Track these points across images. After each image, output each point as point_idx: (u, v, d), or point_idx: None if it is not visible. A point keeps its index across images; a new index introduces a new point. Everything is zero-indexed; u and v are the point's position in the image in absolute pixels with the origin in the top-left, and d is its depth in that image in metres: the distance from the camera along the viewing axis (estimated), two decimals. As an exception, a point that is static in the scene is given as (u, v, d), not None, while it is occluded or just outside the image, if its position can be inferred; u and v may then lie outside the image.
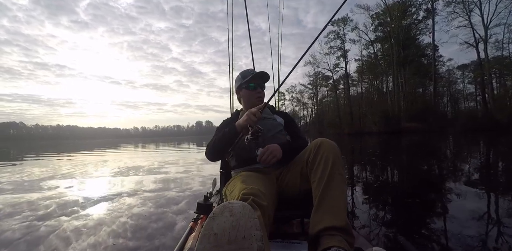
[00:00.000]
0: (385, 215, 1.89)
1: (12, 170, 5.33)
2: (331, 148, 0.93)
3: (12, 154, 11.88)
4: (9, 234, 1.66)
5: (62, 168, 5.44)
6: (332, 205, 0.81)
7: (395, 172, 3.97)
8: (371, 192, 2.59)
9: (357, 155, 6.79)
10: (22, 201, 2.57)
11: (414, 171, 3.87)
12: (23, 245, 1.47)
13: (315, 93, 51.34)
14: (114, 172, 4.45)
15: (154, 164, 5.69)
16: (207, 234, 0.56)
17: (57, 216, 2.01)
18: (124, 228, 1.69)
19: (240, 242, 0.55)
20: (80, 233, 1.62)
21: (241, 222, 0.57)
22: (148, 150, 11.41)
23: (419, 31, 29.34)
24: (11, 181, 3.86)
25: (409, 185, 2.92)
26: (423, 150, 7.33)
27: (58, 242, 1.49)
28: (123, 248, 1.39)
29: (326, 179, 0.86)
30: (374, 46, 33.93)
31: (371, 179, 3.35)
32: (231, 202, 0.63)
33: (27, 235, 1.62)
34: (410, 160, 5.41)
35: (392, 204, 2.19)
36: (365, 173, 3.84)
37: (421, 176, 3.42)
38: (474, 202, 2.09)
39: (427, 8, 26.66)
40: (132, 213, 2.04)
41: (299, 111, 64.02)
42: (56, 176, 4.18)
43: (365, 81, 38.72)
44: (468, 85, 38.36)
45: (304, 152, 1.02)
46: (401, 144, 10.39)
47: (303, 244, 0.90)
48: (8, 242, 1.52)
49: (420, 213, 1.90)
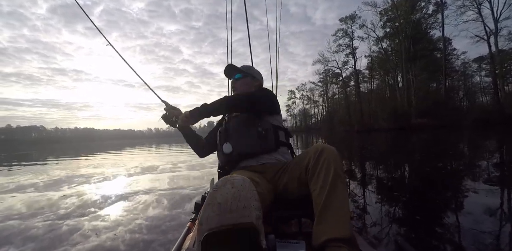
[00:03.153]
0: (384, 215, 1.87)
1: (63, 166, 6.03)
2: (332, 155, 0.91)
3: (42, 156, 12.79)
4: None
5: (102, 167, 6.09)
6: (336, 215, 0.79)
7: (394, 170, 4.01)
8: (371, 192, 2.61)
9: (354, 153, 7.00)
10: (65, 194, 3.10)
11: (416, 170, 3.85)
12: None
13: (326, 91, 51.16)
14: (131, 172, 4.97)
15: (168, 164, 6.23)
16: (210, 203, 0.60)
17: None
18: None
19: (241, 211, 0.58)
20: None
21: (242, 193, 0.62)
22: (162, 151, 12.04)
23: (429, 26, 28.78)
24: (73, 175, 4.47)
25: (411, 184, 2.94)
26: (426, 148, 7.32)
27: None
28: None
29: (328, 188, 0.84)
30: (384, 42, 33.50)
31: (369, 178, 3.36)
32: (232, 176, 0.69)
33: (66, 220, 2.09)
34: (410, 159, 5.62)
35: (393, 204, 2.19)
36: (364, 170, 4.06)
37: (423, 175, 3.35)
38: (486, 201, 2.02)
39: (436, 1, 26.19)
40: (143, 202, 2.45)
41: (310, 109, 63.88)
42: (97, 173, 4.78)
43: (375, 78, 38.27)
44: (485, 79, 37.22)
45: (303, 158, 0.99)
46: (406, 141, 10.45)
47: (301, 244, 0.90)
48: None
49: (424, 213, 1.89)
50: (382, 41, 33.24)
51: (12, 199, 2.91)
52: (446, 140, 8.91)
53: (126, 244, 1.49)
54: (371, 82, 38.82)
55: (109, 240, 1.57)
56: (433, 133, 13.09)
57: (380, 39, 33.09)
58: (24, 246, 1.55)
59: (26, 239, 1.65)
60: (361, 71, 38.98)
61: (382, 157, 5.62)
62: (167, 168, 4.99)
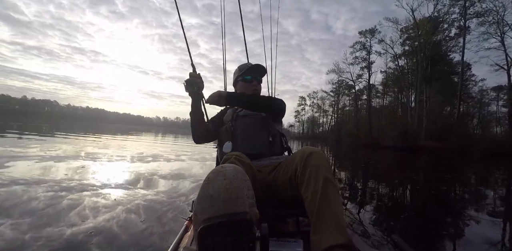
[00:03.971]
0: (382, 215, 1.93)
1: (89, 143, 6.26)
2: (320, 160, 0.89)
3: (61, 130, 13.17)
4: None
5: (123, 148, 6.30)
6: (331, 222, 0.77)
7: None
8: (367, 197, 2.71)
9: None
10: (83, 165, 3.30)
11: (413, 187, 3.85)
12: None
13: (337, 101, 50.82)
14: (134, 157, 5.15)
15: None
16: (203, 196, 0.61)
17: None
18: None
19: (234, 201, 0.59)
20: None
21: (234, 184, 0.62)
22: (167, 141, 12.23)
23: (449, 49, 28.37)
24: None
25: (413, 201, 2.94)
26: (429, 170, 7.36)
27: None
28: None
29: (320, 194, 0.81)
30: (401, 60, 33.19)
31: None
32: (223, 166, 0.69)
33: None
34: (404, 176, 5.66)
35: (389, 205, 2.31)
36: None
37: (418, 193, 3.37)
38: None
39: (459, 25, 25.72)
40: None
41: (319, 118, 63.52)
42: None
43: (388, 94, 37.84)
44: (502, 109, 36.28)
45: (291, 162, 0.97)
46: (411, 161, 10.44)
47: (298, 243, 0.90)
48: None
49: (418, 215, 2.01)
50: (399, 58, 32.94)
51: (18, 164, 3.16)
52: (452, 165, 8.81)
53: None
54: (383, 98, 38.37)
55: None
56: (440, 157, 12.92)
57: (398, 57, 32.78)
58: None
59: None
60: (375, 86, 38.68)
61: (381, 172, 5.69)
62: (171, 158, 5.14)
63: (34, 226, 1.38)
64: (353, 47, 37.25)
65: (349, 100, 46.38)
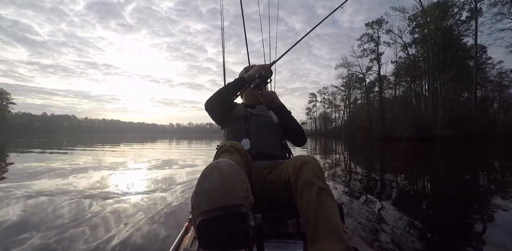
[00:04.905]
0: (382, 214, 1.88)
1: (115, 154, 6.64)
2: (312, 169, 0.89)
3: (87, 142, 13.79)
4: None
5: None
6: (328, 230, 0.76)
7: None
8: (367, 193, 2.63)
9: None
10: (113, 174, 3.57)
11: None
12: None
13: (348, 95, 50.10)
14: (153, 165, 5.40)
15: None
16: (200, 191, 0.64)
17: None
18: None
19: (229, 194, 0.62)
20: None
21: (229, 179, 0.64)
22: (181, 147, 12.55)
23: (461, 33, 27.42)
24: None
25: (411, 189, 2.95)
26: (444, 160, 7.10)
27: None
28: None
29: (314, 205, 0.81)
30: (412, 48, 32.33)
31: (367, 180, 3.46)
32: (218, 161, 0.70)
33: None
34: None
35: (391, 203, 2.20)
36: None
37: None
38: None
39: (470, 8, 24.84)
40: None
41: (331, 113, 62.82)
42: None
43: (401, 84, 36.94)
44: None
45: (285, 168, 0.99)
46: (424, 151, 10.10)
47: (298, 244, 0.89)
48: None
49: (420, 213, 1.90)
50: (410, 46, 32.14)
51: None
52: (470, 153, 8.55)
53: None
54: (395, 89, 37.51)
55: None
56: (457, 146, 12.51)
57: (408, 45, 32.00)
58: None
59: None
60: (386, 77, 37.89)
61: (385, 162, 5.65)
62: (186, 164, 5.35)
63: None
64: (360, 40, 36.83)
65: (361, 93, 45.65)
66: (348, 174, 4.03)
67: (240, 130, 1.30)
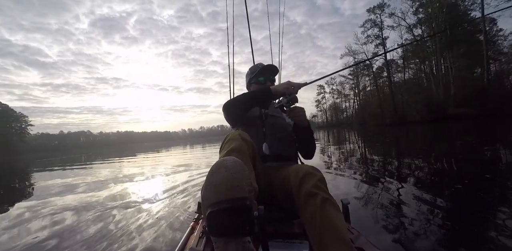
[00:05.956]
0: (387, 213, 1.82)
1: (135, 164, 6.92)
2: (314, 182, 0.89)
3: (99, 157, 14.29)
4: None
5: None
6: (335, 241, 0.75)
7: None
8: (373, 188, 2.52)
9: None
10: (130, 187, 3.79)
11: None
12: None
13: (357, 83, 49.28)
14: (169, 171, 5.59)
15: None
16: (209, 185, 0.70)
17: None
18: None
19: (235, 188, 0.68)
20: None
21: (234, 175, 0.70)
22: (195, 151, 12.75)
23: (468, 7, 26.36)
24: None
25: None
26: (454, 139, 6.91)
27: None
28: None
29: (318, 216, 0.81)
30: (417, 29, 31.31)
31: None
32: (224, 159, 0.76)
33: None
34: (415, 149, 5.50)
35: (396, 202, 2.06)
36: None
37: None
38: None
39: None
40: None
41: (341, 103, 62.06)
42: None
43: (410, 67, 35.96)
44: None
45: (287, 176, 0.99)
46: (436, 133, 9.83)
47: (304, 244, 0.89)
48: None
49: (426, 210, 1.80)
50: (415, 27, 31.15)
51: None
52: (485, 131, 8.28)
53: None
54: (404, 72, 36.57)
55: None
56: (474, 123, 12.12)
57: (413, 26, 31.03)
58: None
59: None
60: (394, 61, 36.97)
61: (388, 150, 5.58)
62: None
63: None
64: (363, 26, 35.78)
65: (369, 80, 44.73)
66: (362, 165, 3.98)
67: (257, 131, 1.32)
